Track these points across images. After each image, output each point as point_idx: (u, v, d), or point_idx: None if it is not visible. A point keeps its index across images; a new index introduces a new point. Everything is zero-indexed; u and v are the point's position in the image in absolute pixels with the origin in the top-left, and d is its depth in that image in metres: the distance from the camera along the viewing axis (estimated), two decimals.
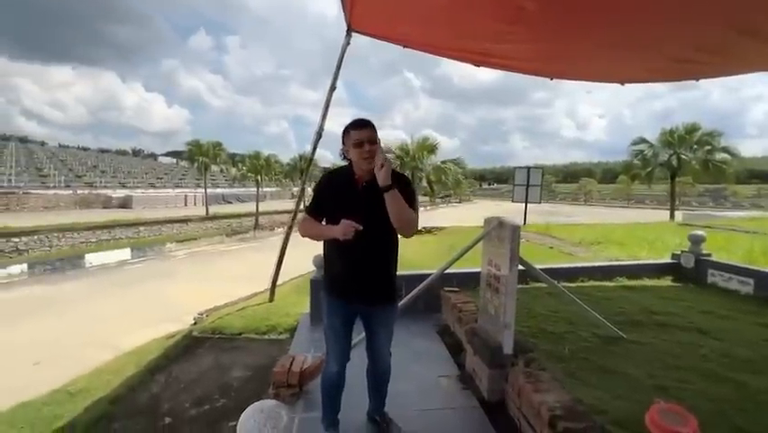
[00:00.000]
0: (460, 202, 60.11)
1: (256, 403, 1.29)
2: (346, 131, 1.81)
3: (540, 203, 15.99)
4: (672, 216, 19.82)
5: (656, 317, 3.40)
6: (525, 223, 14.67)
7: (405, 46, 4.42)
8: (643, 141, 21.22)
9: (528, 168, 15.71)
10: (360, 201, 1.81)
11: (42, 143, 69.62)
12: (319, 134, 4.91)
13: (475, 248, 2.95)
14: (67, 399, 3.12)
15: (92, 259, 15.29)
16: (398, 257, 1.99)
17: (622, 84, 4.58)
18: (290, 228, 5.11)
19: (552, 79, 4.61)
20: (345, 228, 1.69)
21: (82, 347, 7.04)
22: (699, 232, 5.09)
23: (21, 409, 3.06)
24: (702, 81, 4.27)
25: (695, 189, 40.89)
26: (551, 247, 8.96)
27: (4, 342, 7.83)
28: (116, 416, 2.79)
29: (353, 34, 4.50)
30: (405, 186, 1.88)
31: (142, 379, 3.30)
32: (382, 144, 1.87)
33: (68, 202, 30.37)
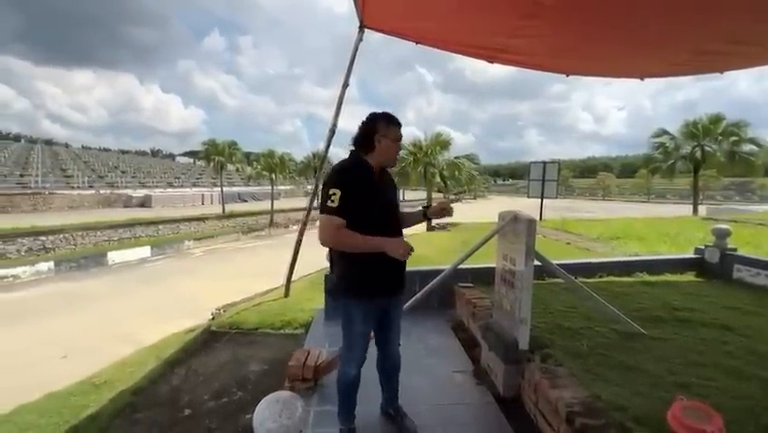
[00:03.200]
0: (474, 198, 59.53)
1: (272, 394, 1.30)
2: (387, 123, 1.83)
3: (556, 198, 15.68)
4: (695, 210, 19.18)
5: (678, 312, 3.30)
6: (541, 219, 14.43)
7: (417, 42, 4.39)
8: (664, 132, 20.55)
9: (544, 162, 15.39)
10: (380, 194, 1.85)
11: (66, 145, 72.01)
12: (332, 131, 4.93)
13: (490, 244, 2.92)
14: (92, 390, 3.24)
15: (114, 256, 15.77)
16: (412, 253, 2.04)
17: (642, 79, 4.44)
18: (304, 225, 5.16)
19: (567, 76, 4.52)
20: (406, 248, 1.72)
21: (106, 341, 7.28)
22: (724, 226, 4.91)
23: (50, 399, 3.20)
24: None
25: (720, 183, 39.38)
26: (568, 243, 8.80)
27: (35, 337, 8.17)
28: (138, 406, 2.87)
29: (366, 31, 4.50)
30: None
31: (163, 372, 3.39)
32: None
33: (91, 202, 31.38)
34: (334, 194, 1.71)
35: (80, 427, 2.68)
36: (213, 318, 5.26)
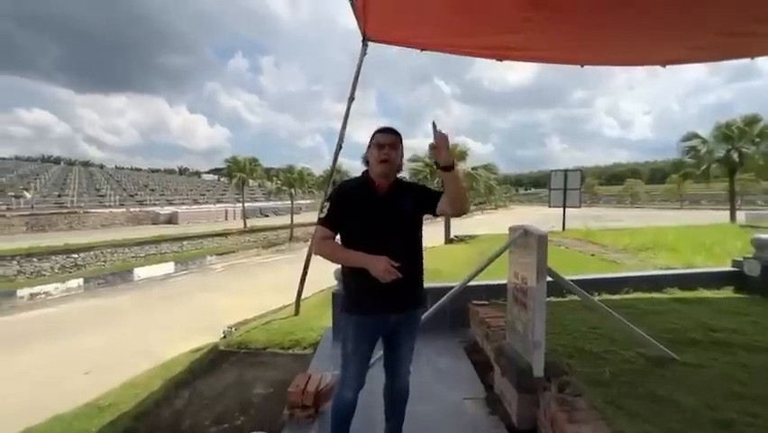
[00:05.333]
0: (496, 209, 58.68)
1: None
2: (373, 133, 1.82)
3: (579, 207, 15.09)
4: (732, 216, 18.05)
5: (715, 334, 2.98)
6: (564, 229, 13.91)
7: (422, 49, 4.33)
8: (695, 136, 19.61)
9: (565, 170, 14.91)
10: (380, 210, 1.77)
11: (101, 166, 76.11)
12: (339, 146, 4.89)
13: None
14: (96, 413, 3.23)
15: (140, 273, 16.27)
16: (426, 266, 1.94)
17: (663, 66, 4.17)
18: None
19: (582, 66, 4.30)
20: (387, 268, 1.59)
21: (129, 357, 7.40)
22: (766, 235, 4.49)
23: (54, 422, 3.20)
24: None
25: (760, 186, 37.07)
26: (592, 255, 8.35)
27: (62, 352, 8.43)
28: (139, 432, 2.82)
29: (370, 44, 4.48)
30: (426, 188, 1.92)
31: (167, 394, 3.34)
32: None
33: (122, 219, 32.82)
34: (325, 206, 1.79)
35: None
36: (224, 337, 5.23)
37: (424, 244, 1.94)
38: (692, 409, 2.00)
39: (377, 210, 1.76)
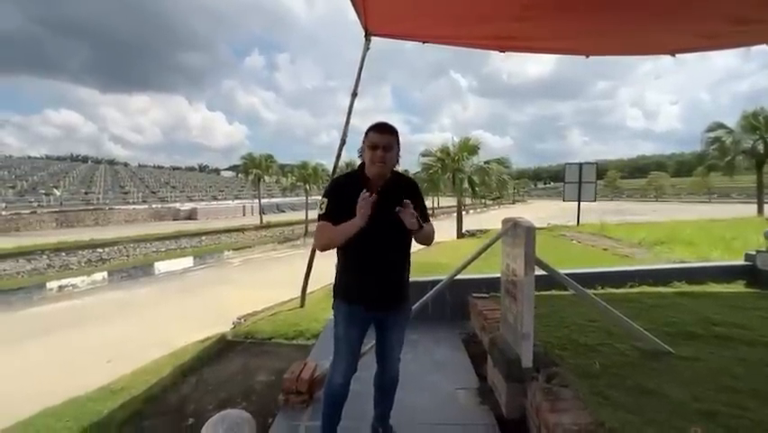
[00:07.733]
0: (513, 203, 57.92)
1: (219, 413, 1.27)
2: (368, 130, 1.81)
3: (594, 201, 14.71)
4: (760, 210, 17.27)
5: (717, 328, 2.91)
6: (578, 223, 13.63)
7: (424, 42, 4.32)
8: (720, 126, 18.80)
9: (580, 164, 14.56)
10: (376, 208, 1.76)
11: (125, 164, 78.79)
12: (343, 141, 4.95)
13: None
14: (109, 396, 3.42)
15: (160, 267, 16.84)
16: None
17: (673, 55, 4.05)
18: None
19: (587, 57, 4.21)
20: (363, 207, 1.65)
21: (148, 347, 7.68)
22: None
23: (69, 404, 3.41)
24: None
25: None
26: (605, 249, 8.17)
27: (87, 342, 8.85)
28: (147, 414, 2.98)
29: (375, 39, 4.50)
30: (417, 196, 1.90)
31: (175, 380, 3.50)
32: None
33: (144, 216, 33.95)
34: (323, 203, 1.82)
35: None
36: (234, 327, 5.40)
37: (436, 239, 2.00)
38: (678, 401, 1.98)
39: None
